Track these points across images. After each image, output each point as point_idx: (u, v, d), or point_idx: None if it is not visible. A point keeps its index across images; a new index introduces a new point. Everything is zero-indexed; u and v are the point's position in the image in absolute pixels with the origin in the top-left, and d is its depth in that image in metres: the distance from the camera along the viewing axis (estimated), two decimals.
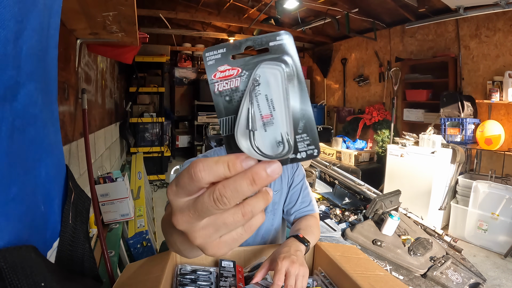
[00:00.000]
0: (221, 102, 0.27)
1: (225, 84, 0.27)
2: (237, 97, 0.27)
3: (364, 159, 4.34)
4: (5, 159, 0.37)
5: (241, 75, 0.27)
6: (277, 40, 0.26)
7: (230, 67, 0.27)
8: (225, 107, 0.27)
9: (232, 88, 0.27)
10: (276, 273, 0.67)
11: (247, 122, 0.26)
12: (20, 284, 0.36)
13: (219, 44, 0.27)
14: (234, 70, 0.27)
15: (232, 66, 0.27)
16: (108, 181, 1.65)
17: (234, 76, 0.27)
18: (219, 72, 0.27)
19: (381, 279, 0.70)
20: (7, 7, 0.34)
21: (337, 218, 2.67)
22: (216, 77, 0.27)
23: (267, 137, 0.26)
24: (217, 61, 0.27)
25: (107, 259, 1.29)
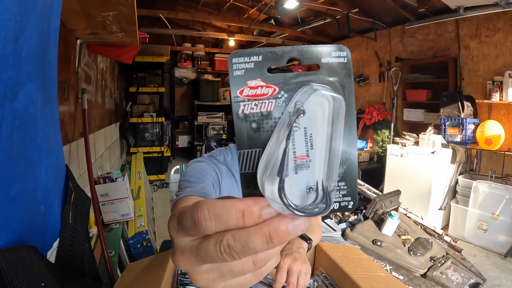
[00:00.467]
0: (245, 129, 0.21)
1: (254, 106, 0.20)
2: (268, 125, 0.21)
3: (364, 159, 4.34)
4: (5, 159, 0.37)
5: (278, 97, 0.20)
6: (333, 57, 0.21)
7: (264, 83, 0.20)
8: (250, 136, 0.21)
9: (262, 112, 0.21)
10: (278, 270, 0.67)
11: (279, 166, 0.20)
12: (20, 284, 0.36)
13: (253, 49, 0.21)
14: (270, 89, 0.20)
15: (268, 82, 0.20)
16: (108, 181, 1.65)
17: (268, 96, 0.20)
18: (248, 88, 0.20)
19: (382, 280, 0.70)
20: (7, 7, 0.34)
21: (337, 218, 2.67)
22: (244, 94, 0.20)
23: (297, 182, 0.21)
24: (248, 72, 0.20)
25: (107, 259, 1.29)
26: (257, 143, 0.21)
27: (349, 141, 0.21)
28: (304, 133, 0.20)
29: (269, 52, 0.20)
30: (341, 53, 0.21)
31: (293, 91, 0.20)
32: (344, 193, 0.22)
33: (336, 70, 0.21)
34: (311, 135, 0.21)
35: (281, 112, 0.20)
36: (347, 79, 0.21)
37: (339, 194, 0.22)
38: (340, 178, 0.21)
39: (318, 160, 0.21)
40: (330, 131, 0.20)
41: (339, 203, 0.22)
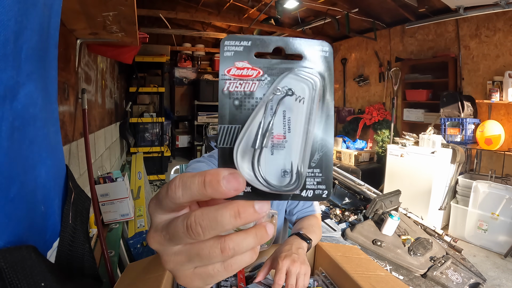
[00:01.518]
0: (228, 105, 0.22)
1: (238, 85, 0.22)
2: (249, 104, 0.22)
3: (364, 159, 4.35)
4: (5, 159, 0.37)
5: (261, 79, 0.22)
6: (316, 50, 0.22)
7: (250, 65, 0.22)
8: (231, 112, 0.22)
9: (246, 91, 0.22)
10: (277, 272, 0.67)
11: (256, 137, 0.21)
12: (20, 284, 0.36)
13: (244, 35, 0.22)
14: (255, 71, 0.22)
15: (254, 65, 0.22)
16: (108, 181, 1.65)
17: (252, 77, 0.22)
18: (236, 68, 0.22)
19: (382, 279, 0.70)
20: (7, 7, 0.34)
21: (337, 218, 2.67)
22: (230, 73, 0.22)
23: (273, 163, 0.22)
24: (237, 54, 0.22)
25: (107, 259, 1.29)
26: (237, 120, 0.22)
27: (326, 129, 0.22)
28: (283, 115, 0.22)
29: (258, 39, 0.22)
30: (323, 48, 0.23)
31: (276, 76, 0.22)
32: (319, 181, 0.22)
33: (317, 61, 0.22)
34: (290, 119, 0.22)
35: (263, 93, 0.22)
36: (327, 71, 0.23)
37: (313, 181, 0.22)
38: (315, 164, 0.22)
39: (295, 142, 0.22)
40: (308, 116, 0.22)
41: (313, 190, 0.22)
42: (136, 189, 2.39)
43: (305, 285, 0.68)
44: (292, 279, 0.67)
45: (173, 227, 0.22)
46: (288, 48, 0.23)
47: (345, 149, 4.57)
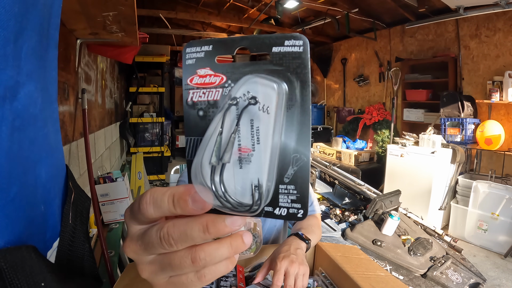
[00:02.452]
0: (193, 116, 0.21)
1: (202, 94, 0.20)
2: (214, 114, 0.20)
3: (364, 159, 4.35)
4: (5, 159, 0.37)
5: (225, 86, 0.20)
6: (286, 46, 0.19)
7: (213, 72, 0.20)
8: (196, 124, 0.21)
9: (209, 101, 0.20)
10: (275, 273, 0.67)
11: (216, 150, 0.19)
12: (20, 284, 0.36)
13: (205, 39, 0.20)
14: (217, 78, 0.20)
15: (216, 71, 0.20)
16: (108, 181, 1.65)
17: (215, 85, 0.20)
18: (198, 76, 0.20)
19: (382, 279, 0.70)
20: (7, 7, 0.34)
21: (337, 218, 2.67)
22: (193, 82, 0.21)
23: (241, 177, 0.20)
24: (198, 61, 0.20)
25: (107, 259, 1.29)
26: (203, 131, 0.20)
27: (301, 139, 0.19)
28: (250, 125, 0.19)
29: (219, 42, 0.20)
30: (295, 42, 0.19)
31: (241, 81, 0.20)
32: (293, 199, 0.20)
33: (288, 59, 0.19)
34: (258, 129, 0.19)
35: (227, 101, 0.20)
36: (301, 69, 0.19)
37: (287, 199, 0.20)
38: (289, 180, 0.19)
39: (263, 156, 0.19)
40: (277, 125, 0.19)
41: (287, 209, 0.20)
42: (136, 189, 2.39)
43: (303, 286, 0.67)
44: (290, 280, 0.66)
45: (147, 237, 0.22)
46: (253, 47, 0.20)
47: (345, 149, 4.57)
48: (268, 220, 1.02)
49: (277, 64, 0.19)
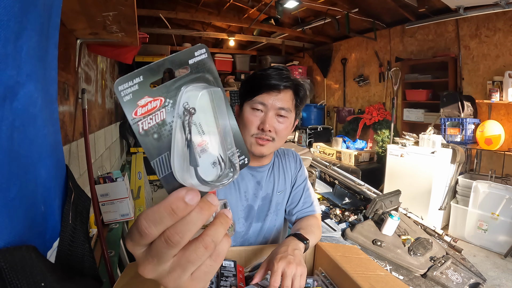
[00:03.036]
0: (150, 142, 0.23)
1: (149, 120, 0.23)
2: (166, 131, 0.23)
3: (364, 159, 4.35)
4: (5, 159, 0.37)
5: (166, 105, 0.23)
6: (196, 56, 0.24)
7: (151, 98, 0.23)
8: (156, 146, 0.23)
9: (158, 123, 0.23)
10: (272, 274, 0.67)
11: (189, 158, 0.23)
12: (20, 284, 0.36)
13: (132, 73, 0.23)
14: (157, 101, 0.23)
15: (154, 96, 0.23)
16: (108, 181, 1.65)
17: (158, 108, 0.23)
18: (140, 107, 0.22)
19: (382, 279, 0.70)
20: (7, 7, 0.34)
21: (337, 218, 2.67)
22: (138, 114, 0.22)
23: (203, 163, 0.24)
24: (135, 94, 0.22)
25: (107, 259, 1.29)
26: (162, 149, 0.23)
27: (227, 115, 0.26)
28: (195, 125, 0.24)
29: (147, 70, 0.23)
30: (201, 51, 0.24)
31: (176, 96, 0.23)
32: (239, 154, 0.27)
33: (202, 65, 0.24)
34: (200, 124, 0.24)
35: (172, 116, 0.23)
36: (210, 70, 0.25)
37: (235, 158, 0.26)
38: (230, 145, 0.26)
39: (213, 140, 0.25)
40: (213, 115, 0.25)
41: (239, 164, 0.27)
42: (136, 189, 2.39)
43: (301, 287, 0.67)
44: (287, 281, 0.66)
45: (154, 249, 0.24)
46: (174, 65, 0.24)
47: (345, 149, 4.57)
48: (268, 220, 1.02)
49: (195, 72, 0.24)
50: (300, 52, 6.26)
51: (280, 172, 1.05)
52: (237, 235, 0.99)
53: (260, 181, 1.00)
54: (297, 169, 1.09)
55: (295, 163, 1.09)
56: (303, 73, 6.32)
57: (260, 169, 1.01)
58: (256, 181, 1.00)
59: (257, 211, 1.00)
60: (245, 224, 0.99)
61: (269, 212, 1.02)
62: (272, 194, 1.02)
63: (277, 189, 1.03)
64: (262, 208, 1.01)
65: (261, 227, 1.02)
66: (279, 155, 1.08)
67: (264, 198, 1.01)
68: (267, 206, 1.02)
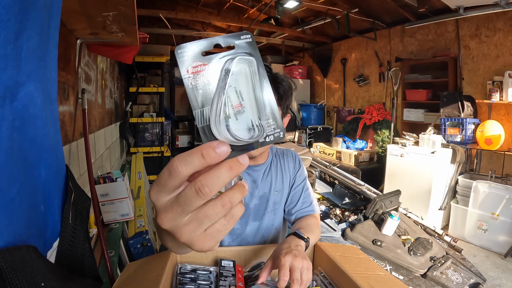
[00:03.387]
0: (194, 96, 0.29)
1: (198, 78, 0.28)
2: (210, 90, 0.29)
3: (364, 159, 4.35)
4: (5, 159, 0.37)
5: (212, 70, 0.29)
6: (242, 39, 0.30)
7: (201, 62, 0.29)
8: (199, 99, 0.29)
9: (204, 82, 0.29)
10: (281, 268, 0.67)
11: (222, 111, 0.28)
12: (20, 284, 0.36)
13: (191, 42, 0.29)
14: (206, 66, 0.28)
15: (203, 61, 0.29)
16: (108, 181, 1.65)
17: (205, 70, 0.29)
18: (192, 67, 0.28)
19: (381, 279, 0.70)
20: (7, 7, 0.34)
21: (337, 218, 2.67)
22: (189, 72, 0.28)
23: (239, 125, 0.28)
24: (189, 57, 0.29)
25: (107, 259, 1.29)
26: (205, 103, 0.28)
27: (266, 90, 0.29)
28: (235, 90, 0.29)
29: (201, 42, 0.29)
30: (247, 36, 0.30)
31: (221, 64, 0.29)
32: (274, 127, 0.30)
33: (245, 47, 0.30)
34: (240, 91, 0.29)
35: (216, 79, 0.29)
36: (254, 51, 0.30)
37: (270, 129, 0.29)
38: (268, 116, 0.29)
39: (249, 106, 0.29)
40: (252, 85, 0.29)
41: (273, 135, 0.30)
42: (136, 189, 2.39)
43: (309, 279, 0.67)
44: (296, 274, 0.66)
45: (183, 198, 0.27)
46: (224, 43, 0.30)
47: (345, 149, 4.57)
48: (265, 219, 1.03)
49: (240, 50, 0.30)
50: (300, 52, 6.26)
51: (278, 171, 1.05)
52: (234, 233, 1.00)
53: (256, 179, 1.01)
54: (296, 169, 1.09)
55: (294, 163, 1.09)
56: (303, 73, 6.32)
57: (255, 167, 1.02)
58: (252, 180, 1.01)
59: (254, 210, 1.01)
60: (240, 222, 0.99)
61: (266, 211, 1.02)
62: (269, 193, 1.03)
63: (275, 188, 1.03)
64: (258, 207, 1.02)
65: (258, 226, 1.02)
66: (278, 155, 1.09)
67: (261, 197, 1.02)
68: (264, 205, 1.02)
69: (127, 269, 0.75)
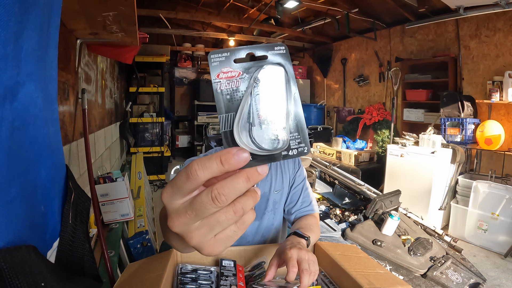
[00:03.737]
0: (222, 100, 0.29)
1: (227, 84, 0.29)
2: (237, 96, 0.29)
3: (364, 159, 4.34)
4: (5, 159, 0.37)
5: (242, 77, 0.29)
6: (275, 50, 0.30)
7: (232, 69, 0.29)
8: (226, 105, 0.29)
9: (233, 88, 0.29)
10: (289, 260, 0.67)
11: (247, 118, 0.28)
12: (20, 284, 0.36)
13: (223, 49, 0.30)
14: (236, 72, 0.29)
15: (234, 68, 0.29)
16: (108, 181, 1.65)
17: (235, 77, 0.29)
18: (222, 73, 0.29)
19: (381, 277, 0.70)
20: (7, 7, 0.34)
21: (337, 218, 2.67)
22: (219, 77, 0.29)
23: (263, 134, 0.28)
24: (221, 63, 0.29)
25: (107, 259, 1.29)
26: (231, 109, 0.29)
27: (295, 103, 0.29)
28: (262, 99, 0.29)
29: (234, 50, 0.30)
30: (280, 47, 0.30)
31: (252, 73, 0.29)
32: (299, 141, 0.29)
33: (278, 58, 0.30)
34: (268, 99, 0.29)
35: (245, 86, 0.29)
36: (286, 63, 0.30)
37: (295, 142, 0.29)
38: (294, 130, 0.29)
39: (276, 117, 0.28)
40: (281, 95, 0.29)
41: (297, 149, 0.29)
42: (136, 189, 2.39)
43: (316, 271, 0.68)
44: (305, 264, 0.66)
45: (198, 204, 0.27)
46: (255, 52, 0.30)
47: (345, 149, 4.57)
48: (265, 219, 1.03)
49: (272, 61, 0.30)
50: (300, 52, 6.26)
51: (278, 171, 1.06)
52: None
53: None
54: (295, 169, 1.10)
55: (294, 164, 1.10)
56: (303, 73, 6.32)
57: None
58: None
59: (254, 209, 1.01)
60: None
61: (266, 210, 1.03)
62: (269, 193, 1.04)
63: (274, 188, 1.04)
64: (258, 207, 1.02)
65: (258, 226, 1.03)
66: None
67: (261, 197, 1.02)
68: (264, 205, 1.03)
69: (128, 269, 0.75)
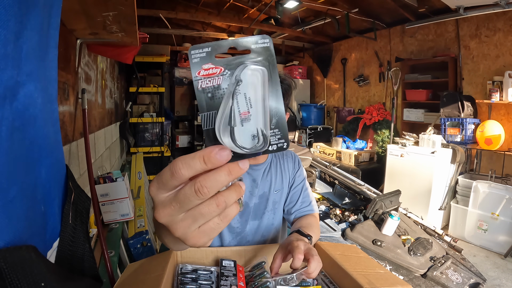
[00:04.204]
0: (204, 98, 0.28)
1: (208, 82, 0.28)
2: (219, 94, 0.28)
3: (364, 159, 4.35)
4: (5, 159, 0.37)
5: (224, 74, 0.28)
6: (259, 44, 0.29)
7: (213, 65, 0.28)
8: (207, 103, 0.28)
9: (214, 85, 0.28)
10: (295, 249, 0.67)
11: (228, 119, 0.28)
12: (20, 284, 0.36)
13: (205, 43, 0.28)
14: (217, 69, 0.28)
15: (216, 65, 0.28)
16: (108, 181, 1.65)
17: (217, 74, 0.28)
18: (203, 70, 0.28)
19: (381, 276, 0.70)
20: (7, 7, 0.34)
21: (337, 218, 2.67)
22: (200, 74, 0.28)
23: (244, 132, 0.29)
24: (202, 59, 0.28)
25: (107, 259, 1.29)
26: (212, 107, 0.28)
27: (277, 100, 0.29)
28: (244, 97, 0.28)
29: (215, 44, 0.28)
30: (264, 40, 0.29)
31: (234, 69, 0.28)
32: (279, 137, 0.30)
33: (261, 52, 0.29)
34: (250, 98, 0.28)
35: (227, 84, 0.28)
36: (270, 57, 0.29)
37: (275, 138, 0.29)
38: (274, 126, 0.29)
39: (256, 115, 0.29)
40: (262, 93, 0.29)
41: (276, 144, 0.30)
42: (136, 189, 2.39)
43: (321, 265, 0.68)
44: (313, 252, 0.67)
45: (182, 196, 0.28)
46: (238, 46, 0.29)
47: (345, 149, 4.57)
48: (265, 218, 1.03)
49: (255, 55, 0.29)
50: (300, 52, 6.26)
51: (278, 171, 1.07)
52: (234, 231, 1.01)
53: (255, 179, 1.02)
54: (295, 169, 1.10)
55: (293, 164, 1.11)
56: (303, 73, 6.32)
57: (255, 167, 1.03)
58: (252, 179, 1.02)
59: (253, 209, 1.02)
60: (240, 220, 1.01)
61: (266, 210, 1.04)
62: (269, 192, 1.04)
63: (274, 188, 1.05)
64: (258, 206, 1.03)
65: (258, 225, 1.03)
66: (278, 155, 1.11)
67: (260, 197, 1.03)
68: (263, 204, 1.03)
69: (128, 269, 0.75)
